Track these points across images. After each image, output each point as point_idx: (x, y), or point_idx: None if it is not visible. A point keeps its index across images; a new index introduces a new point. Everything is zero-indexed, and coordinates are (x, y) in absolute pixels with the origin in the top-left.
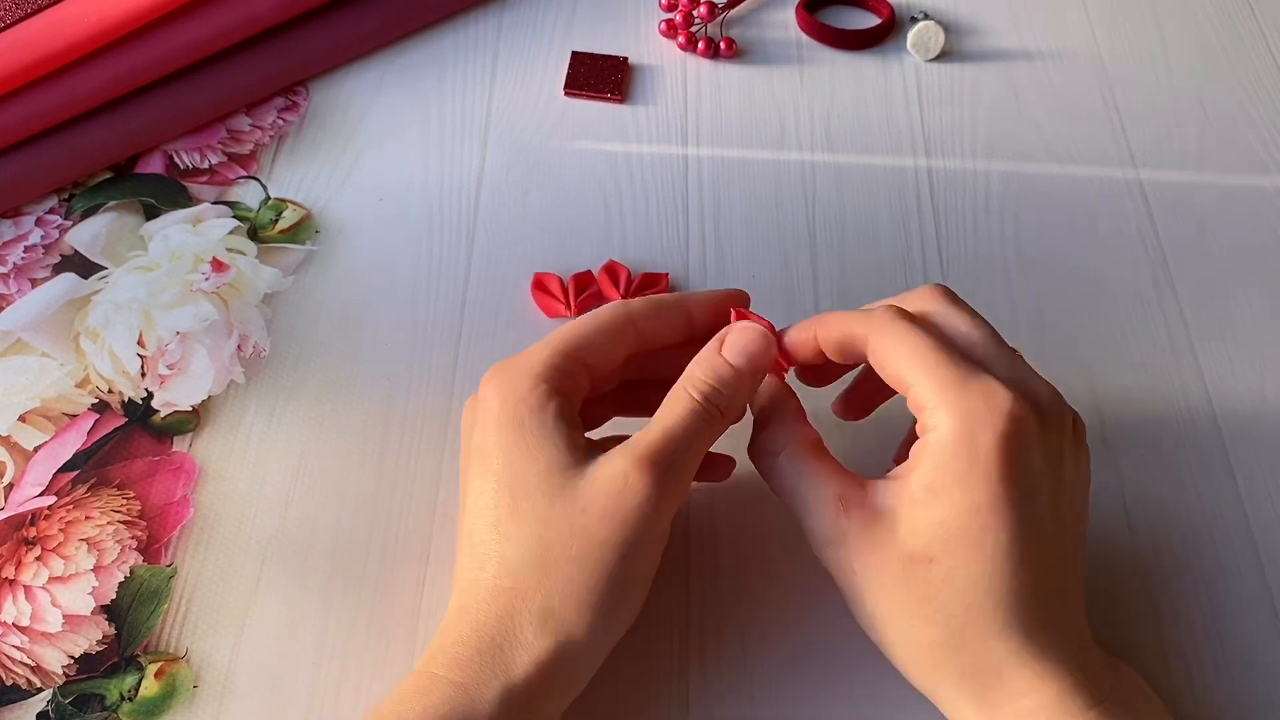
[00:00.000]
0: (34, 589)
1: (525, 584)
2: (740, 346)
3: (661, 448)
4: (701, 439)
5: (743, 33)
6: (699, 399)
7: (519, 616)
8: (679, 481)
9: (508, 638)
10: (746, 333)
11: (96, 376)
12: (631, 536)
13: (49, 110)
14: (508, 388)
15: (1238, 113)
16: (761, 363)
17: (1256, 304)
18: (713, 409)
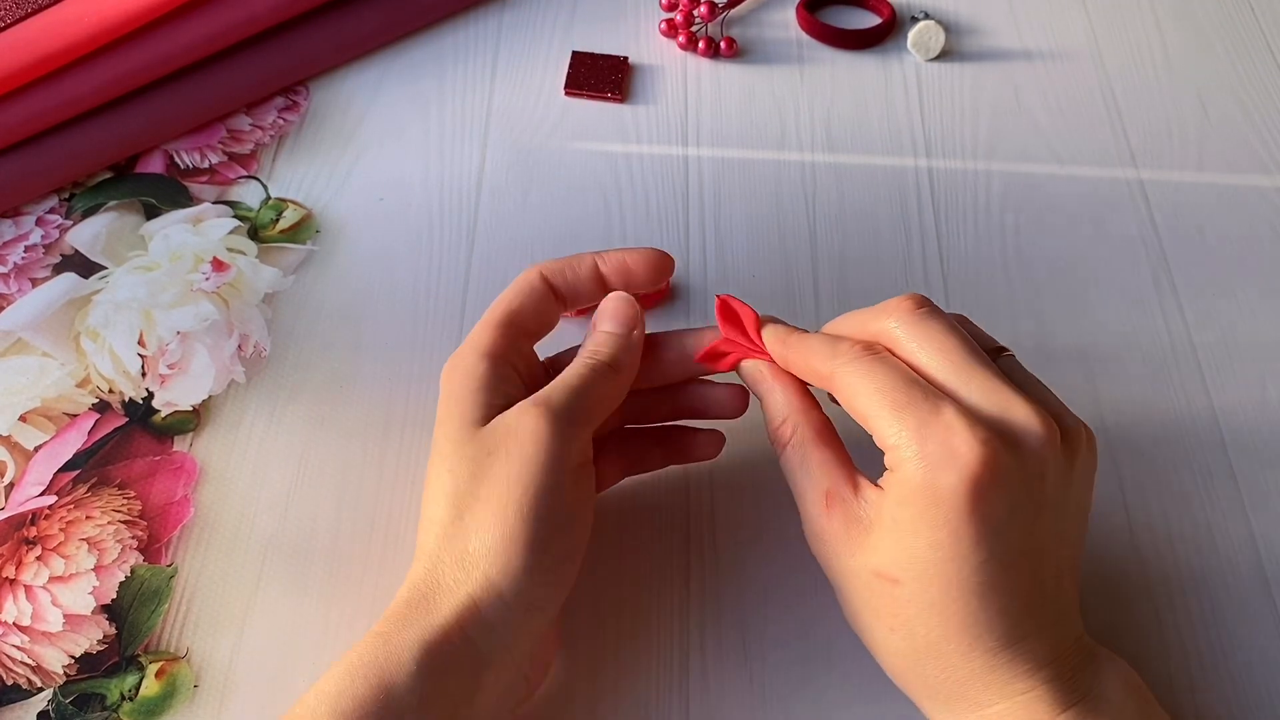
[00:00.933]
0: (34, 588)
1: (445, 531)
2: (610, 313)
3: (553, 393)
4: (595, 387)
5: (743, 32)
6: (586, 358)
7: (441, 565)
8: (577, 423)
9: (432, 587)
10: (614, 301)
11: (97, 376)
12: (535, 473)
13: (49, 110)
14: (449, 367)
15: (1238, 113)
16: (630, 319)
17: (1257, 303)
18: (599, 364)
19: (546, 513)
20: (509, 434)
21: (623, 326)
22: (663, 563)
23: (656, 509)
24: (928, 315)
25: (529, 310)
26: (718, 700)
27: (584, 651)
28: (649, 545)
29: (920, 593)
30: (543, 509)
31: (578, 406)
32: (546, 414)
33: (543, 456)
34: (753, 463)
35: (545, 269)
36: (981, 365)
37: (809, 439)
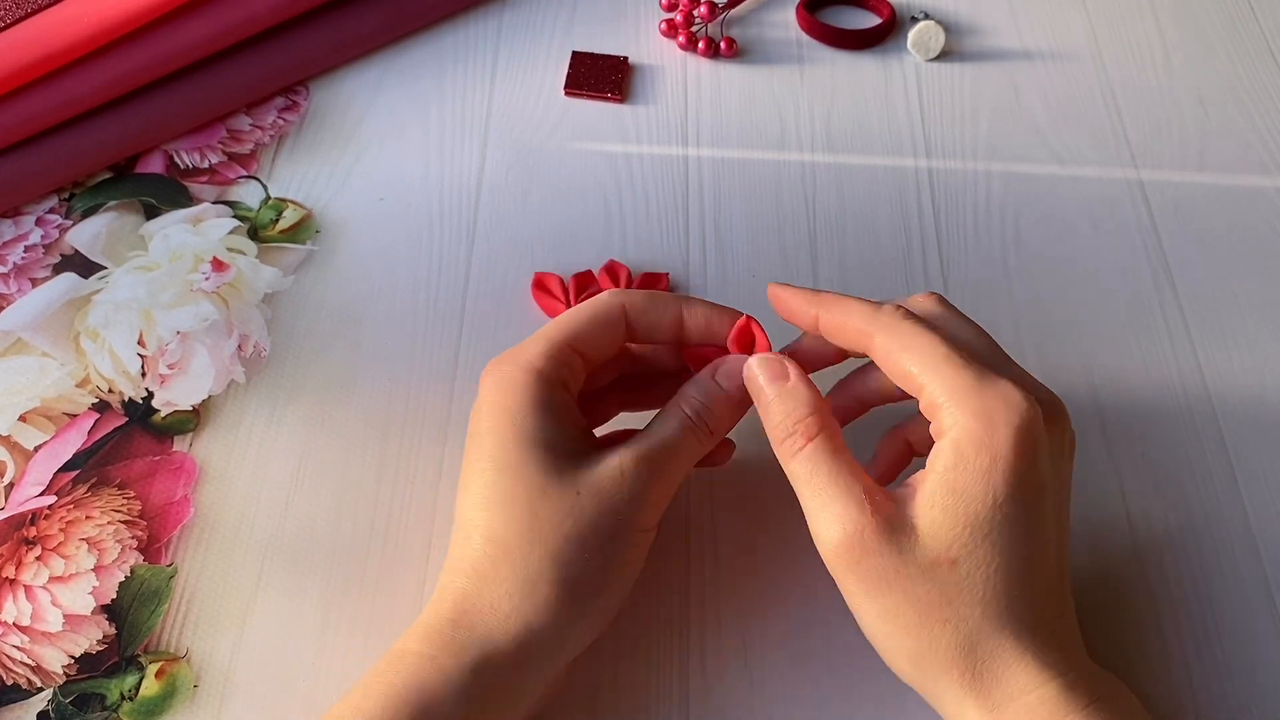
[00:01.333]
0: (34, 589)
1: (513, 553)
2: (733, 373)
3: (655, 450)
4: (689, 451)
5: (743, 32)
6: (690, 414)
7: (502, 585)
8: (667, 483)
9: (486, 608)
10: (740, 362)
11: (97, 376)
12: (623, 523)
13: (49, 110)
14: (503, 379)
15: (1238, 113)
16: (748, 391)
17: (1256, 304)
18: (701, 425)
19: (620, 562)
20: (606, 481)
21: (739, 391)
22: (663, 562)
23: None
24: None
25: (594, 335)
26: (718, 700)
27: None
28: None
29: (976, 568)
30: (618, 557)
31: (670, 467)
32: (647, 468)
33: (636, 512)
34: (754, 463)
35: (629, 303)
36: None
37: (836, 442)
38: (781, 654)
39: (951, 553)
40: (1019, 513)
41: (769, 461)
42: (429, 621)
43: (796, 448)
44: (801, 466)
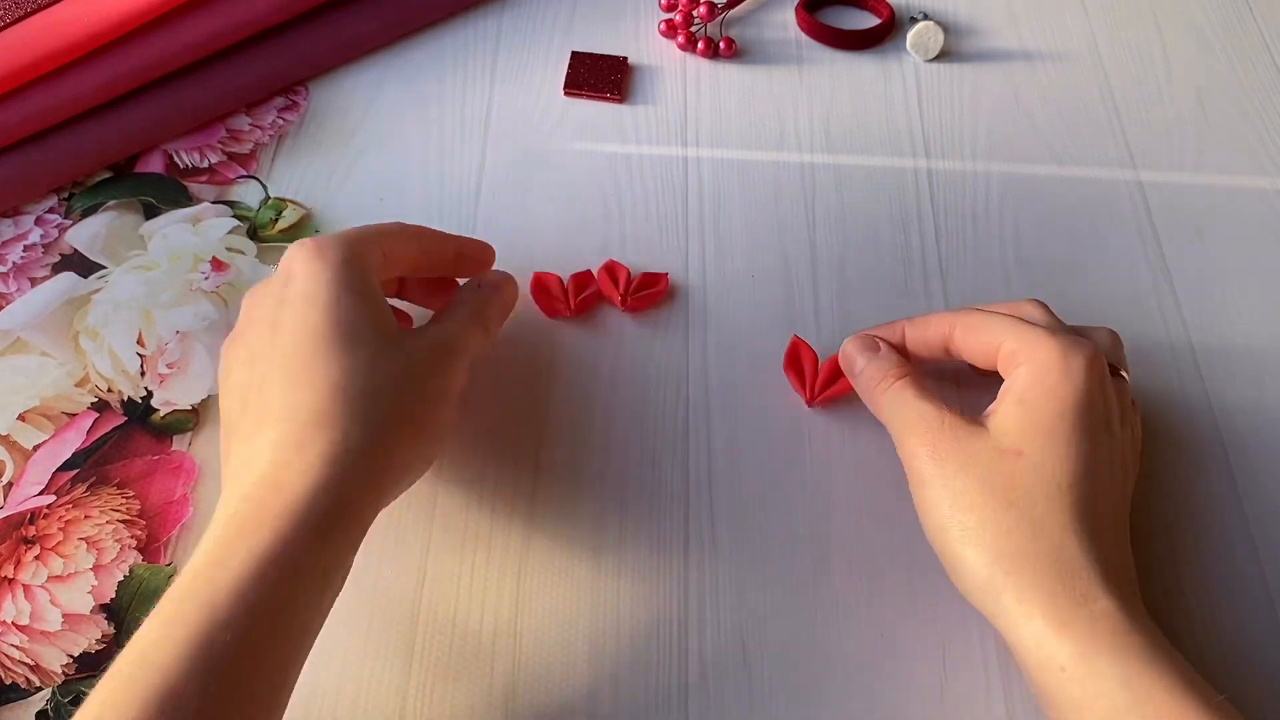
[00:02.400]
0: (33, 588)
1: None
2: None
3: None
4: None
5: (742, 32)
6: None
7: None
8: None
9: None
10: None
11: (96, 375)
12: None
13: (49, 109)
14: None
15: (1236, 114)
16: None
17: (1255, 304)
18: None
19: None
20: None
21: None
22: (663, 562)
23: (656, 508)
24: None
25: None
26: (718, 700)
27: (583, 650)
28: (649, 544)
29: (1044, 460)
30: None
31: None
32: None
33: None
34: (755, 463)
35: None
36: None
37: (922, 383)
38: (781, 654)
39: (1019, 446)
40: (1083, 431)
41: (769, 461)
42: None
43: (886, 386)
44: (890, 398)
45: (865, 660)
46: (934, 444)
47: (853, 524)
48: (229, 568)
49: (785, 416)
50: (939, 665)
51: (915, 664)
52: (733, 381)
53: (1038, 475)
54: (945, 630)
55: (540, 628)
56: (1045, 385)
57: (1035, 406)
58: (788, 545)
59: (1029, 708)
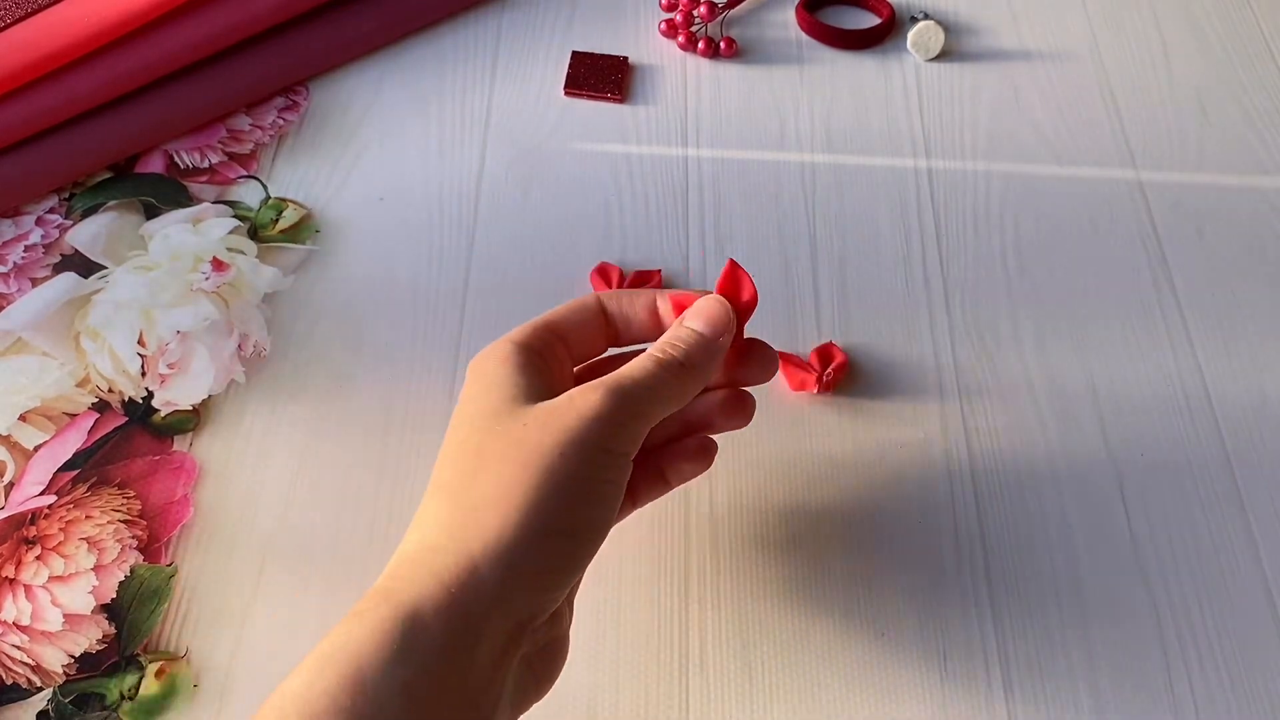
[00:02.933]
0: (34, 588)
1: (457, 487)
2: (700, 312)
3: (616, 379)
4: (661, 385)
5: (743, 32)
6: (658, 354)
7: (440, 524)
8: (632, 412)
9: (425, 551)
10: (708, 301)
11: (97, 376)
12: (569, 439)
13: (49, 110)
14: (483, 357)
15: (1237, 113)
16: (721, 323)
17: (1256, 303)
18: (672, 361)
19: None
20: (552, 409)
21: (709, 327)
22: (663, 562)
23: (657, 507)
24: None
25: (572, 322)
26: (718, 700)
27: (584, 650)
28: (649, 544)
29: None
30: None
31: (635, 396)
32: (600, 392)
33: (585, 429)
34: (755, 462)
35: (604, 295)
36: None
37: None
38: (781, 653)
39: None
40: None
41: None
42: (390, 567)
43: None
44: None
45: (865, 660)
46: None
47: (853, 522)
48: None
49: (786, 414)
50: (939, 665)
51: (915, 664)
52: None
53: None
54: (946, 630)
55: None
56: None
57: None
58: (788, 544)
59: (1030, 708)
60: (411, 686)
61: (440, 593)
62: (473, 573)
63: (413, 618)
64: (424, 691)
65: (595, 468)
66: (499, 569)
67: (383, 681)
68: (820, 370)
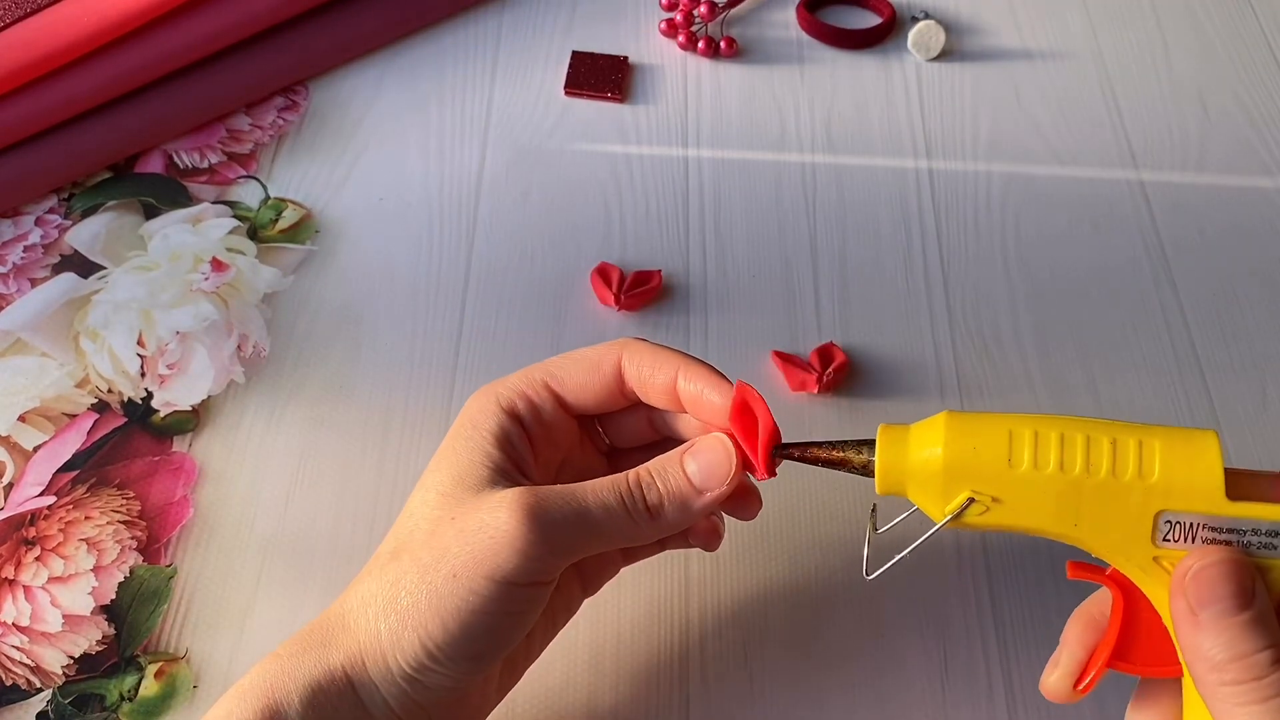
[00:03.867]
0: (34, 589)
1: (375, 568)
2: (705, 462)
3: (558, 507)
4: (613, 528)
5: (743, 32)
6: (629, 484)
7: (361, 599)
8: (553, 548)
9: (339, 620)
10: (718, 452)
11: (96, 376)
12: (463, 566)
13: (48, 110)
14: (471, 403)
15: (1238, 113)
16: (718, 487)
17: (1257, 303)
18: (639, 507)
19: (477, 612)
20: (480, 520)
21: (702, 479)
22: (663, 562)
23: None
24: None
25: (582, 386)
26: (718, 700)
27: (584, 650)
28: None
29: None
30: (473, 606)
31: (574, 536)
32: (530, 524)
33: (498, 563)
34: None
35: (628, 351)
36: None
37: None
38: (781, 654)
39: None
40: None
41: None
42: (304, 628)
43: None
44: None
45: (865, 660)
46: None
47: (854, 523)
48: None
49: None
50: (940, 665)
51: (916, 663)
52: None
53: None
54: (946, 630)
55: None
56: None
57: None
58: (788, 545)
59: (1030, 708)
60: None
61: (339, 673)
62: (361, 666)
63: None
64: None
65: (491, 600)
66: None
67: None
68: (820, 370)
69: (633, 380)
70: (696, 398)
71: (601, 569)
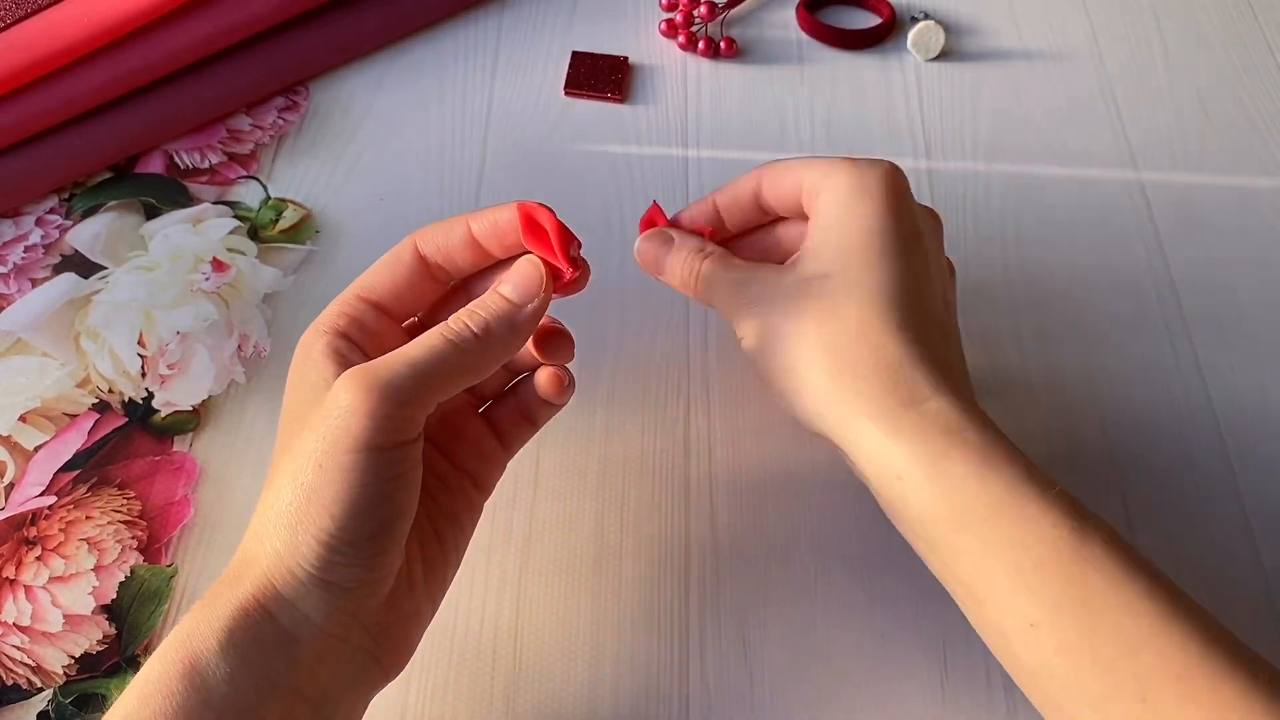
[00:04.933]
0: (34, 589)
1: (259, 503)
2: (516, 280)
3: (387, 366)
4: (448, 363)
5: (743, 32)
6: (452, 327)
7: (253, 532)
8: (400, 401)
9: (243, 560)
10: (525, 268)
11: (97, 376)
12: (325, 447)
13: (49, 110)
14: (299, 350)
15: (1238, 113)
16: (535, 297)
17: (1257, 303)
18: (467, 334)
19: (343, 493)
20: (325, 415)
21: (518, 293)
22: (663, 562)
23: (657, 508)
24: None
25: (390, 284)
26: (718, 700)
27: (584, 650)
28: (650, 544)
29: (850, 273)
30: (340, 490)
31: (412, 384)
32: (364, 387)
33: (349, 436)
34: (756, 462)
35: (419, 237)
36: None
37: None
38: (781, 654)
39: (825, 268)
40: (892, 241)
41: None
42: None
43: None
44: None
45: (866, 660)
46: (752, 300)
47: (854, 523)
48: None
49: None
50: (940, 665)
51: (916, 664)
52: (734, 382)
53: (849, 289)
54: (946, 630)
55: (540, 630)
56: (845, 205)
57: (839, 227)
58: (789, 545)
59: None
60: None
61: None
62: (271, 589)
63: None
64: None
65: (362, 472)
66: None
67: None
68: None
69: (436, 255)
70: (490, 231)
71: (481, 456)
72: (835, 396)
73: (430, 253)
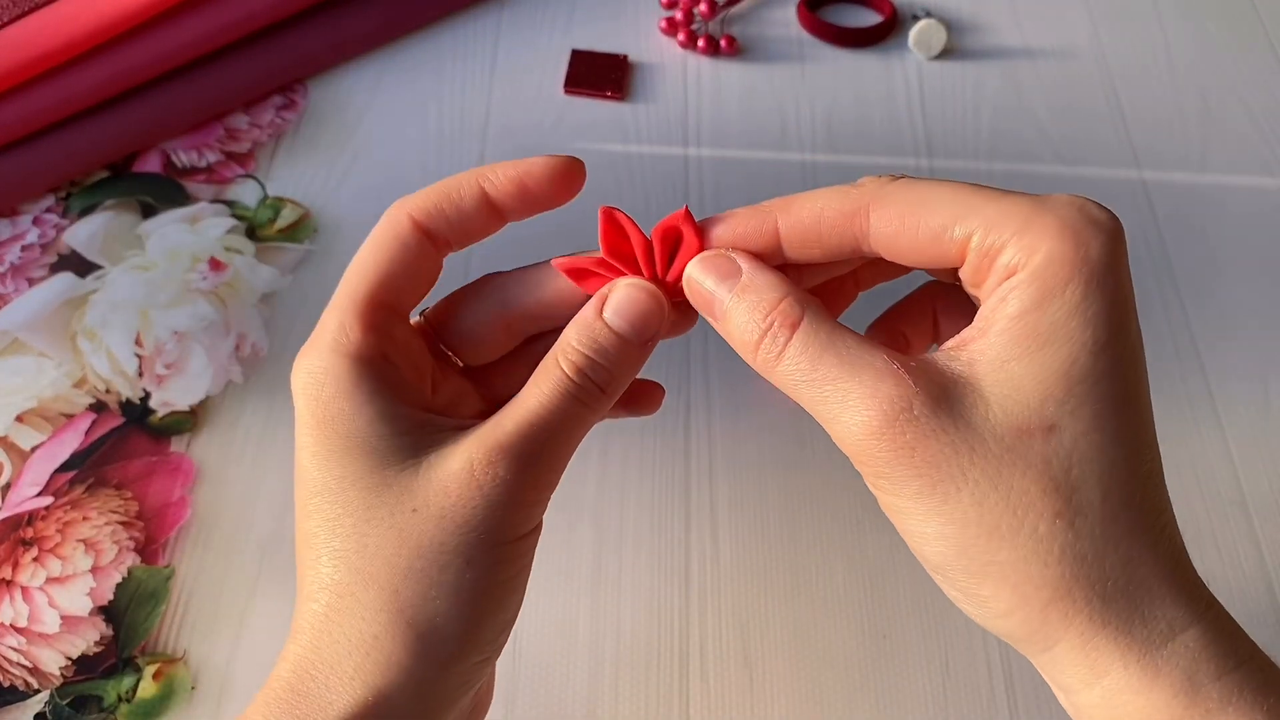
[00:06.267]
0: (31, 590)
1: (346, 600)
2: (624, 308)
3: (523, 434)
4: (573, 421)
5: (743, 30)
6: (571, 374)
7: (340, 642)
8: (545, 474)
9: (327, 670)
10: (633, 290)
11: (94, 376)
12: (482, 540)
13: (46, 109)
14: (307, 376)
15: (1241, 112)
16: (651, 329)
17: (1260, 303)
18: (589, 386)
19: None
20: (450, 493)
21: (635, 331)
22: (663, 563)
23: (657, 507)
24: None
25: (403, 275)
26: (718, 700)
27: (584, 650)
28: (650, 545)
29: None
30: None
31: (548, 453)
32: (511, 465)
33: (495, 526)
34: (756, 462)
35: (415, 210)
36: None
37: (831, 320)
38: (781, 654)
39: (1047, 417)
40: (1125, 361)
41: (772, 460)
42: (269, 689)
43: (779, 346)
44: (794, 364)
45: (866, 660)
46: (903, 446)
47: (855, 523)
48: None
49: (788, 415)
50: (941, 666)
51: (917, 664)
52: (734, 382)
53: (1083, 462)
54: (947, 630)
55: (540, 630)
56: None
57: (1059, 341)
58: (789, 545)
59: (1032, 709)
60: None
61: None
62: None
63: None
64: None
65: (503, 564)
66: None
67: None
68: None
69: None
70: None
71: None
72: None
73: (437, 227)
